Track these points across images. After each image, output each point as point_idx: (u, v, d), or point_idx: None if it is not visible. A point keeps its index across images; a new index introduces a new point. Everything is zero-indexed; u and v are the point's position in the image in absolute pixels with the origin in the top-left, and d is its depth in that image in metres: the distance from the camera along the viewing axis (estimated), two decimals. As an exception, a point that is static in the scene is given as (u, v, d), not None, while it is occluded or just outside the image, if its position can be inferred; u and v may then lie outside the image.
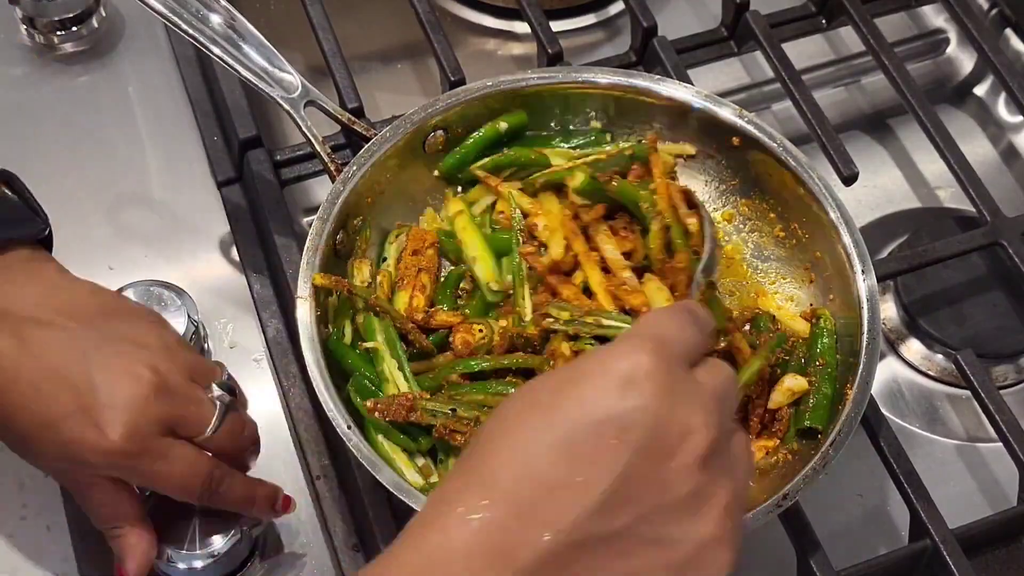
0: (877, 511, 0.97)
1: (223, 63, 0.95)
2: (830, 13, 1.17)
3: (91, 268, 1.01)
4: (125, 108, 1.12)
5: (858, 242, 0.92)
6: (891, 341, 1.05)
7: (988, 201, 1.03)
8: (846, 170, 1.02)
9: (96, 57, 1.15)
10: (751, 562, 0.94)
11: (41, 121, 1.11)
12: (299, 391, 0.96)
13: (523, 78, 0.99)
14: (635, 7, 1.11)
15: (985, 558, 0.92)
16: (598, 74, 0.99)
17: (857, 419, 0.85)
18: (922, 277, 1.05)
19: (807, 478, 0.82)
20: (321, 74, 1.09)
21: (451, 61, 1.06)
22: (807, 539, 0.87)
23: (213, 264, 1.04)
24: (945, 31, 1.25)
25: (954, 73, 1.23)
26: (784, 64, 1.09)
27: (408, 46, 1.21)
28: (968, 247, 1.02)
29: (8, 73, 1.14)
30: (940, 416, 1.03)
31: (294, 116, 0.95)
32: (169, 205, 1.07)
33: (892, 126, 1.19)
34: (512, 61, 1.23)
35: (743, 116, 0.97)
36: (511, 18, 1.23)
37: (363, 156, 0.94)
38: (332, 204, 0.92)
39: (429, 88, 1.17)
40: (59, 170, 1.08)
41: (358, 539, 0.91)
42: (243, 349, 0.99)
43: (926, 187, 1.15)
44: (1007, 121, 1.20)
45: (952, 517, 0.89)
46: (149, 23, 1.16)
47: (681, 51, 1.12)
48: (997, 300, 1.05)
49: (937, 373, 1.04)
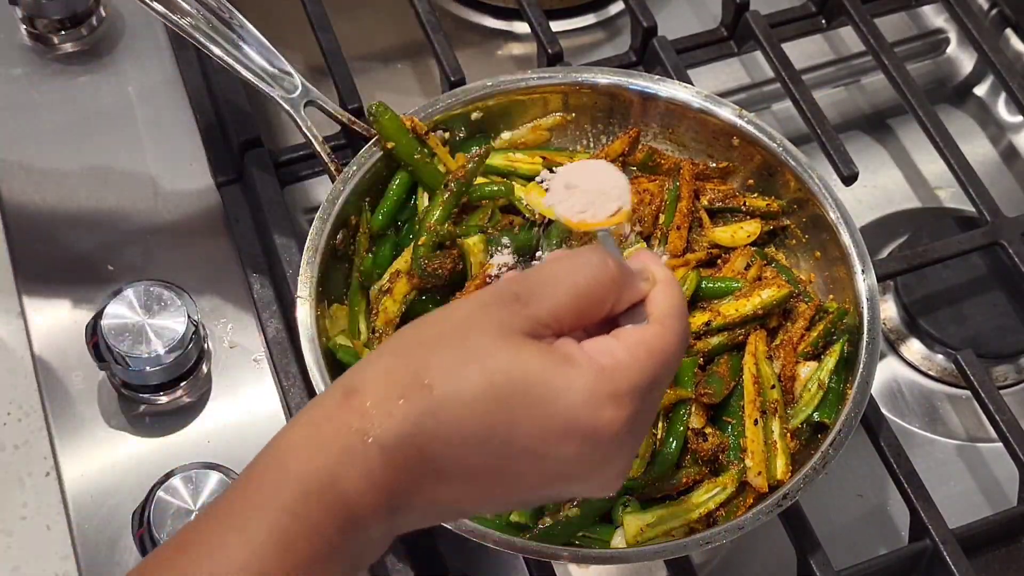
0: (877, 511, 0.97)
1: (223, 63, 0.95)
2: (830, 13, 1.17)
3: (91, 268, 1.02)
4: (125, 108, 1.12)
5: (858, 242, 0.92)
6: (891, 341, 1.05)
7: (988, 201, 1.03)
8: (846, 170, 1.02)
9: (96, 57, 1.15)
10: (751, 562, 0.94)
11: (41, 121, 1.11)
12: (299, 391, 0.96)
13: (523, 78, 0.99)
14: (635, 7, 1.11)
15: (985, 558, 0.92)
16: (598, 74, 0.99)
17: (857, 419, 0.85)
18: (922, 277, 1.05)
19: (807, 478, 0.82)
20: (321, 74, 1.09)
21: (451, 61, 1.06)
22: (807, 539, 0.87)
23: (213, 264, 1.03)
24: (945, 31, 1.25)
25: (954, 73, 1.23)
26: (784, 64, 1.09)
27: (408, 46, 1.21)
28: (968, 247, 1.02)
29: (8, 73, 1.14)
30: (940, 416, 1.03)
31: (294, 116, 0.95)
32: (169, 205, 1.07)
33: (892, 126, 1.19)
34: (512, 61, 1.22)
35: (743, 116, 0.97)
36: (511, 18, 1.23)
37: (363, 156, 0.94)
38: (332, 204, 0.92)
39: (429, 88, 1.17)
40: (59, 170, 1.08)
41: (358, 539, 0.91)
42: (243, 349, 0.99)
43: (926, 187, 1.15)
44: (1007, 121, 1.20)
45: (952, 517, 0.89)
46: (149, 23, 1.16)
47: (681, 51, 1.12)
48: (997, 300, 1.05)
49: (937, 373, 1.04)
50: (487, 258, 0.91)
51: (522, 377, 0.62)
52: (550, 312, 0.64)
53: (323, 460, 0.61)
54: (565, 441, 0.63)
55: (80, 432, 0.95)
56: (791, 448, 0.86)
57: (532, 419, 0.62)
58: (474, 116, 0.98)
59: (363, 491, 0.61)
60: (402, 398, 0.62)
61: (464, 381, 0.62)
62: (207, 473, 0.87)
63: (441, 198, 0.93)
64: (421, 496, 0.63)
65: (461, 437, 0.62)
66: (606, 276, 0.65)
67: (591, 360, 0.63)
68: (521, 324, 0.63)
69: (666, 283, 0.68)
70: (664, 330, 0.66)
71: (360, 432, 0.61)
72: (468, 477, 0.63)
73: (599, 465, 0.65)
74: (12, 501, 0.93)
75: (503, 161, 0.98)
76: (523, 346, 0.63)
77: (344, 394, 0.63)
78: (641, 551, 0.80)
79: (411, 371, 0.62)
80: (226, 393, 0.97)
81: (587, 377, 0.63)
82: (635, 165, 0.99)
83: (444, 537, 0.86)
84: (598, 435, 0.63)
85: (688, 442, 0.86)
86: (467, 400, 0.62)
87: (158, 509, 0.85)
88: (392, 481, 0.62)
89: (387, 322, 0.90)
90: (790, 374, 0.89)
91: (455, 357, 0.63)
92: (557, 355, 0.63)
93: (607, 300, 0.66)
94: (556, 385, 0.62)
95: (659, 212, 0.96)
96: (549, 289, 0.65)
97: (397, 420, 0.61)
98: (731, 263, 0.94)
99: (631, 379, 0.63)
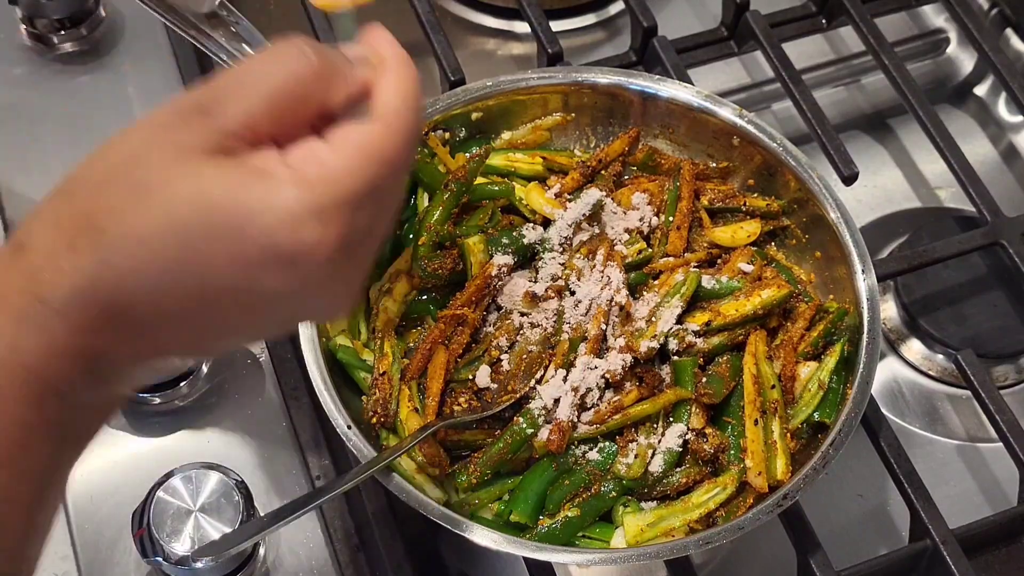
0: (877, 511, 0.97)
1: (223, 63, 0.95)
2: (830, 13, 1.17)
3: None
4: (125, 108, 1.12)
5: (858, 242, 0.92)
6: (891, 341, 1.05)
7: (988, 201, 1.03)
8: (846, 170, 1.02)
9: (96, 57, 1.15)
10: (751, 562, 0.94)
11: (41, 121, 1.11)
12: (299, 391, 0.96)
13: (523, 78, 0.99)
14: (635, 7, 1.11)
15: (985, 558, 0.92)
16: (598, 74, 0.99)
17: (857, 419, 0.85)
18: (922, 277, 1.05)
19: (807, 478, 0.82)
20: (321, 74, 1.09)
21: (451, 61, 1.06)
22: (807, 539, 0.87)
23: (213, 264, 1.03)
24: (945, 31, 1.25)
25: (954, 73, 1.23)
26: (784, 64, 1.09)
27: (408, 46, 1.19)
28: (968, 247, 1.02)
29: (8, 73, 1.14)
30: (940, 416, 1.03)
31: (294, 116, 0.95)
32: (169, 205, 1.07)
33: (892, 126, 1.19)
34: (512, 61, 1.22)
35: (743, 116, 0.97)
36: (511, 18, 1.23)
37: (363, 156, 0.94)
38: (332, 204, 0.92)
39: (429, 88, 1.17)
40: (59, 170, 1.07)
41: (358, 539, 0.91)
42: (243, 349, 0.99)
43: (926, 187, 1.15)
44: (1007, 121, 1.20)
45: (952, 517, 0.89)
46: (149, 23, 1.16)
47: (681, 51, 1.12)
48: (997, 300, 1.05)
49: (937, 373, 1.04)
50: (487, 258, 0.91)
51: (206, 203, 0.54)
52: (238, 119, 0.55)
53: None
54: (266, 270, 0.55)
55: (80, 432, 0.95)
56: (791, 448, 0.86)
57: (224, 250, 0.54)
58: (474, 116, 0.98)
59: (48, 361, 0.54)
60: (72, 247, 0.54)
61: (139, 218, 0.54)
62: (207, 473, 0.87)
63: (441, 198, 0.92)
64: (122, 351, 0.56)
65: (147, 283, 0.54)
66: (305, 67, 0.56)
67: (291, 171, 0.55)
68: (204, 141, 0.55)
69: (396, 68, 0.59)
70: (386, 128, 0.57)
71: (32, 295, 0.54)
72: (170, 323, 0.56)
73: (315, 291, 0.57)
74: (12, 501, 0.93)
75: (503, 161, 0.98)
76: (206, 166, 0.54)
77: (13, 250, 0.55)
78: (641, 551, 0.80)
79: (81, 214, 0.55)
80: (226, 393, 0.97)
81: (284, 192, 0.54)
82: (635, 165, 0.99)
83: (444, 537, 0.86)
84: (303, 259, 0.55)
85: (688, 442, 0.86)
86: (145, 239, 0.54)
87: (158, 509, 0.85)
88: (81, 344, 0.55)
89: (387, 322, 0.90)
90: (790, 374, 0.89)
91: (128, 192, 0.54)
92: (247, 170, 0.55)
93: (312, 96, 0.57)
94: (248, 206, 0.54)
95: (659, 212, 0.96)
96: (237, 92, 0.56)
97: (68, 275, 0.54)
98: (731, 263, 0.94)
99: (341, 190, 0.55)
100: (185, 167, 0.54)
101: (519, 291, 0.90)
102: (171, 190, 0.54)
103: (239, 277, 0.55)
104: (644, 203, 0.96)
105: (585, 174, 0.97)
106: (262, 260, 0.54)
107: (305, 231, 0.54)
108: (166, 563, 0.85)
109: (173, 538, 0.85)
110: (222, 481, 0.87)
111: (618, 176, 0.99)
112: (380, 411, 0.86)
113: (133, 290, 0.54)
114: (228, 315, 0.57)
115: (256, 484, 0.90)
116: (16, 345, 0.54)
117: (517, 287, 0.90)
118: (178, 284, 0.55)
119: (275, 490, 0.93)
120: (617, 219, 0.94)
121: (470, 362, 0.89)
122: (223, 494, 0.86)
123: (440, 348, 0.89)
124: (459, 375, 0.88)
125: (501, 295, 0.91)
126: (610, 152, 0.98)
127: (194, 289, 0.55)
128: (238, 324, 0.58)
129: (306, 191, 0.54)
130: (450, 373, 0.88)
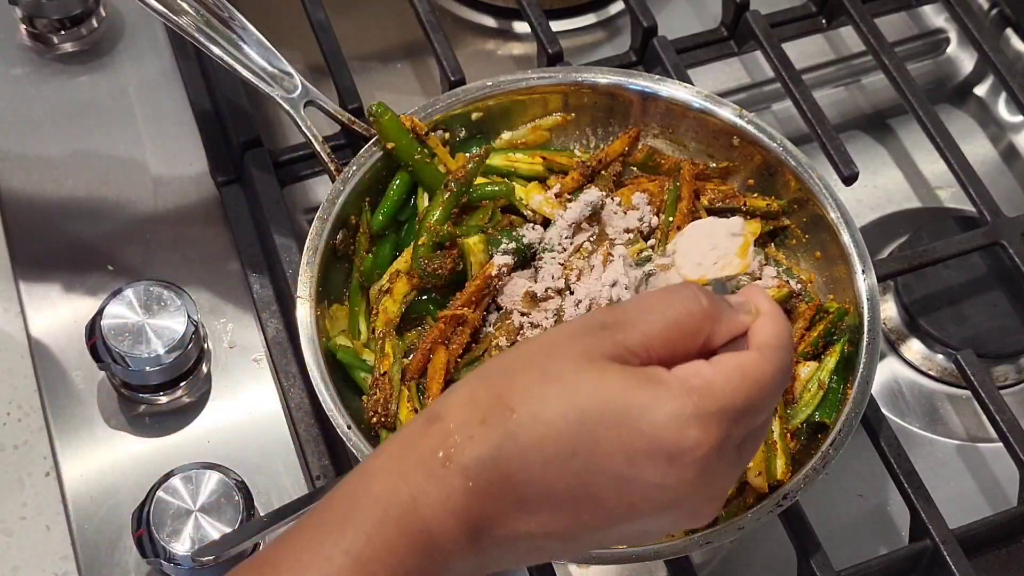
0: (877, 511, 0.97)
1: (223, 63, 0.95)
2: (830, 13, 1.17)
3: (91, 268, 1.02)
4: (125, 108, 1.12)
5: (858, 242, 0.92)
6: (891, 341, 1.05)
7: (988, 201, 1.03)
8: (846, 170, 1.02)
9: (96, 57, 1.15)
10: (751, 562, 0.94)
11: (41, 121, 1.11)
12: (299, 391, 0.96)
13: (523, 78, 0.99)
14: (635, 7, 1.11)
15: (985, 558, 0.92)
16: (598, 74, 0.99)
17: (857, 419, 0.85)
18: (922, 277, 1.05)
19: (807, 478, 0.82)
20: (321, 74, 1.09)
21: (451, 61, 1.06)
22: (807, 539, 0.87)
23: (213, 264, 1.03)
24: (945, 31, 1.25)
25: (954, 73, 1.23)
26: (784, 64, 1.09)
27: (408, 46, 1.21)
28: (968, 247, 1.02)
29: (8, 73, 1.14)
30: (940, 416, 1.03)
31: (294, 116, 0.95)
32: (169, 205, 1.07)
33: (892, 126, 1.19)
34: (512, 61, 1.22)
35: (743, 116, 0.97)
36: (511, 18, 1.23)
37: (363, 156, 0.94)
38: (332, 204, 0.92)
39: (429, 88, 1.17)
40: (59, 169, 1.08)
41: (358, 539, 0.91)
42: (243, 349, 0.99)
43: (926, 187, 1.15)
44: (1007, 121, 1.20)
45: (952, 517, 0.89)
46: (149, 23, 1.16)
47: (681, 51, 1.11)
48: (997, 300, 1.05)
49: (937, 373, 1.04)
50: (487, 258, 0.91)
51: (605, 396, 0.61)
52: (638, 338, 0.63)
53: (404, 485, 0.61)
54: (649, 462, 0.61)
55: (80, 432, 0.95)
56: (791, 448, 0.86)
57: (614, 439, 0.61)
58: (474, 116, 0.98)
59: (443, 517, 0.61)
60: (483, 421, 0.61)
61: (545, 402, 0.61)
62: (207, 473, 0.87)
63: (441, 198, 0.92)
64: (504, 526, 0.62)
65: (542, 458, 0.61)
66: (697, 306, 0.65)
67: (679, 380, 0.62)
68: (607, 349, 0.63)
69: (770, 315, 0.67)
70: (762, 358, 0.65)
71: (441, 456, 0.61)
72: (550, 503, 0.62)
73: (687, 492, 0.63)
74: (12, 501, 0.93)
75: (503, 161, 0.98)
76: (607, 367, 0.62)
77: (427, 420, 0.63)
78: (641, 551, 0.80)
79: (493, 394, 0.62)
80: (226, 393, 0.97)
81: (672, 395, 0.61)
82: (635, 165, 1.00)
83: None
84: (683, 457, 0.61)
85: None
86: (548, 420, 0.61)
87: (158, 509, 0.85)
88: (473, 506, 0.61)
89: (387, 322, 0.90)
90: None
91: (537, 379, 0.62)
92: (643, 375, 0.62)
93: (700, 331, 0.65)
94: (640, 403, 0.61)
95: (659, 212, 0.96)
96: (638, 317, 0.64)
97: (478, 443, 0.61)
98: None
99: (722, 402, 0.62)
100: (590, 364, 0.62)
101: (519, 291, 0.90)
102: (577, 380, 0.62)
103: (623, 464, 0.61)
104: (644, 203, 0.96)
105: (585, 174, 0.97)
106: (647, 451, 0.61)
107: (688, 431, 0.61)
108: (166, 563, 0.85)
109: (173, 538, 0.85)
110: (222, 481, 0.86)
111: (618, 176, 0.99)
112: (380, 411, 0.86)
113: (528, 463, 0.61)
114: (605, 502, 0.63)
115: (256, 484, 0.90)
116: (418, 499, 0.61)
117: (517, 287, 0.90)
118: (568, 464, 0.61)
119: (275, 490, 0.93)
120: (617, 219, 0.94)
121: (470, 362, 0.89)
122: (223, 494, 0.86)
123: (440, 348, 0.89)
124: (459, 375, 0.88)
125: (501, 295, 0.91)
126: (610, 152, 0.98)
127: (581, 470, 0.61)
128: (612, 513, 0.63)
129: (692, 398, 0.61)
130: (450, 373, 0.88)
